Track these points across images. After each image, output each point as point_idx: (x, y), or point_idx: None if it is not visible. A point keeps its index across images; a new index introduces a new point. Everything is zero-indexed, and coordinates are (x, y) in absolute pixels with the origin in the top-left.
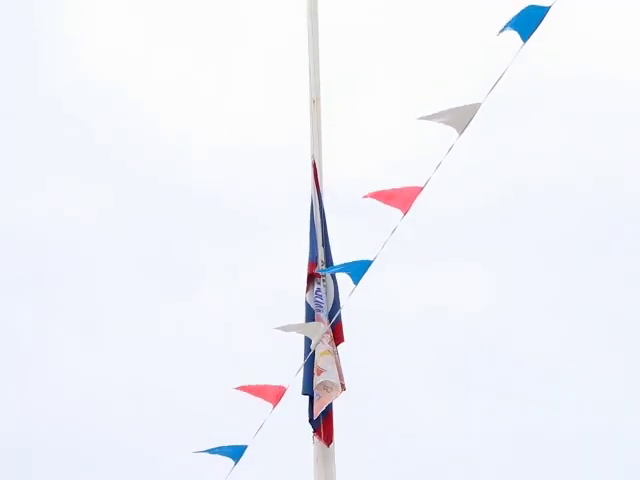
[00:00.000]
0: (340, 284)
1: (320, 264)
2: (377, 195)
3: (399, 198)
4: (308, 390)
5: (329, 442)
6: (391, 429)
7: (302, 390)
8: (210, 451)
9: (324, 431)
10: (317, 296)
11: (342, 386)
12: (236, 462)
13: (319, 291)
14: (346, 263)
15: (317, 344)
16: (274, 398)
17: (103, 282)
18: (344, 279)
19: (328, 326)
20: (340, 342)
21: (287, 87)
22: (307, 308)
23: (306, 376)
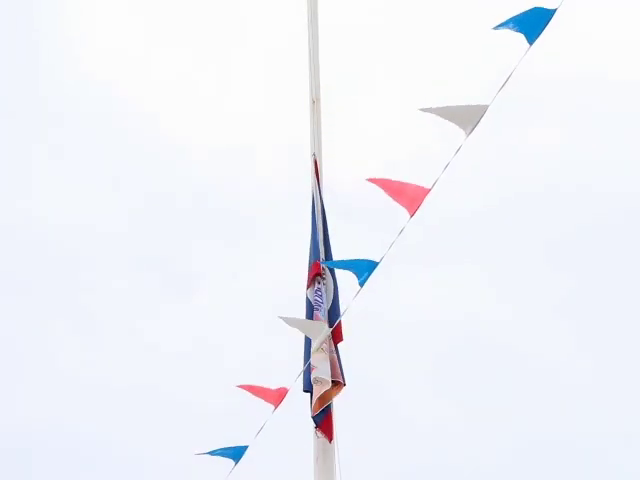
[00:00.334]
0: (341, 283)
1: (321, 261)
2: (383, 183)
3: (405, 197)
4: (308, 387)
5: (330, 438)
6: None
7: (303, 387)
8: (211, 453)
9: (325, 428)
10: (317, 295)
11: (339, 383)
12: (236, 462)
13: (319, 290)
14: (352, 260)
15: (319, 346)
16: (275, 399)
17: (103, 282)
18: (346, 279)
19: (330, 329)
20: (339, 341)
21: (287, 87)
22: (308, 304)
23: (306, 373)
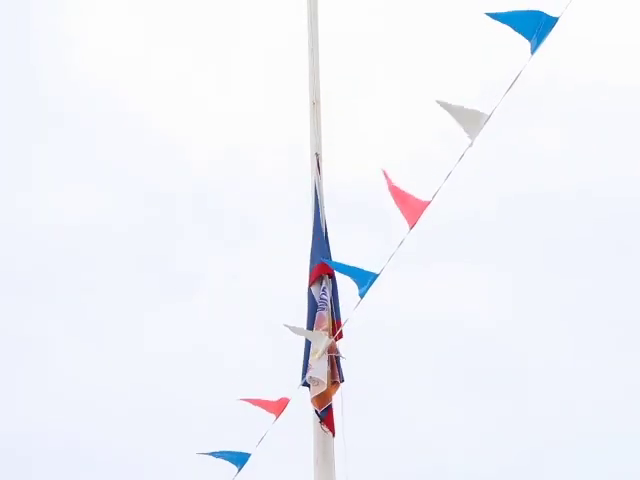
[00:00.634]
0: (341, 287)
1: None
2: (395, 191)
3: (407, 207)
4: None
5: (334, 433)
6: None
7: (301, 382)
8: (213, 454)
9: (329, 423)
10: (323, 293)
11: (336, 382)
12: (239, 469)
13: (325, 289)
14: (354, 267)
15: (321, 355)
16: (277, 409)
17: (103, 282)
18: (346, 283)
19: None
20: (338, 339)
21: (287, 88)
22: (311, 301)
23: (305, 369)
